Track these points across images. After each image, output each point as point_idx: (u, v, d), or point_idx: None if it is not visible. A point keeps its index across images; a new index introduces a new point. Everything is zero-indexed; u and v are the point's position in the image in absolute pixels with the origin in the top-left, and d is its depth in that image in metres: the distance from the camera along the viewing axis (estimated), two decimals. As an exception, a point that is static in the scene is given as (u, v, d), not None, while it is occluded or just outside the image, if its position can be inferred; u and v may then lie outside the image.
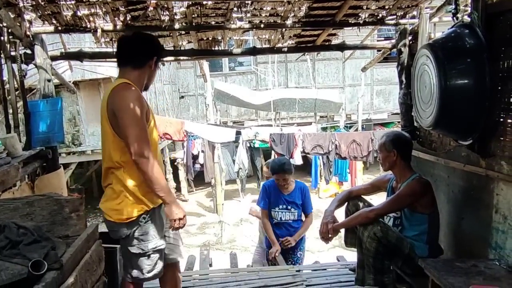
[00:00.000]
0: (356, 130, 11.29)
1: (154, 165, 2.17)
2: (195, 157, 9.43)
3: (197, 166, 9.55)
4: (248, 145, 8.41)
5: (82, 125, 8.14)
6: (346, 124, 11.15)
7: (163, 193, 2.22)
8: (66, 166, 8.94)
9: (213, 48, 4.16)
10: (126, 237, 2.31)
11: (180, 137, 7.81)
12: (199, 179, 10.62)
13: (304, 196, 3.94)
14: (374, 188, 3.27)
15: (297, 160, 8.38)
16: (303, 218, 4.02)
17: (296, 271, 3.56)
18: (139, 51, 2.33)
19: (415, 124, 3.67)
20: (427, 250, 2.69)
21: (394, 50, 4.14)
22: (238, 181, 10.26)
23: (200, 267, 4.03)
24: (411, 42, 3.89)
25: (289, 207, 3.94)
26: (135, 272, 2.40)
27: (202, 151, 9.00)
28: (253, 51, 4.29)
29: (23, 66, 3.55)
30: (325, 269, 3.72)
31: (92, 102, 8.04)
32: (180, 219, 2.28)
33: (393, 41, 4.17)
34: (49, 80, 3.67)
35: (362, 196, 3.20)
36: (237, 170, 8.28)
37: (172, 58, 4.29)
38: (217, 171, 9.71)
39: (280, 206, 3.95)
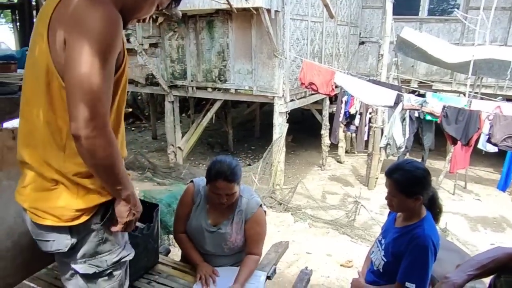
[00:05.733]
0: None
1: (111, 143, 1.31)
2: (351, 117, 7.88)
3: (352, 128, 8.02)
4: (416, 115, 6.40)
5: (230, 60, 7.50)
6: None
7: (120, 185, 1.41)
8: (212, 102, 8.70)
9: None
10: (70, 249, 1.49)
11: (328, 90, 6.40)
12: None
13: (407, 249, 2.12)
14: None
15: (490, 146, 6.04)
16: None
17: None
18: None
19: None
20: None
21: None
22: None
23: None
24: None
25: (381, 248, 2.34)
26: None
27: (360, 113, 7.38)
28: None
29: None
30: None
31: (242, 36, 7.24)
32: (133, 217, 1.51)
33: None
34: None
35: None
36: (384, 145, 6.43)
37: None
38: (377, 138, 8.01)
39: (381, 238, 2.41)
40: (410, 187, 2.13)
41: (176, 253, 3.54)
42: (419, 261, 2.08)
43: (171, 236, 4.12)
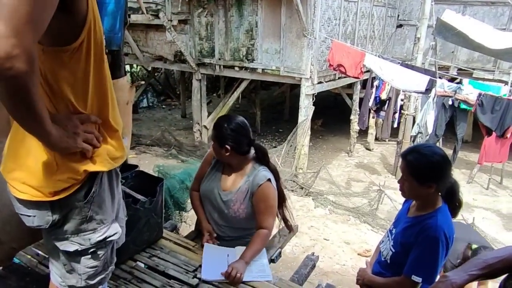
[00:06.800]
0: None
1: (35, 72, 1.00)
2: (382, 103, 7.58)
3: (382, 114, 7.72)
4: (450, 102, 6.03)
5: (258, 39, 7.33)
6: None
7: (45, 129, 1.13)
8: (240, 81, 8.58)
9: None
10: (52, 226, 1.40)
11: (356, 73, 6.14)
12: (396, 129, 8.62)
13: (417, 240, 1.97)
14: None
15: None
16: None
17: None
18: None
19: None
20: None
21: None
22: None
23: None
24: None
25: (391, 238, 2.18)
26: (69, 279, 1.54)
27: (389, 98, 7.06)
28: None
29: None
30: None
31: (271, 14, 7.04)
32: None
33: None
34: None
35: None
36: (416, 133, 6.12)
37: None
38: (408, 125, 7.68)
39: (392, 228, 2.24)
40: (422, 172, 1.93)
41: (187, 230, 3.51)
42: (428, 253, 1.91)
43: (184, 213, 4.11)
